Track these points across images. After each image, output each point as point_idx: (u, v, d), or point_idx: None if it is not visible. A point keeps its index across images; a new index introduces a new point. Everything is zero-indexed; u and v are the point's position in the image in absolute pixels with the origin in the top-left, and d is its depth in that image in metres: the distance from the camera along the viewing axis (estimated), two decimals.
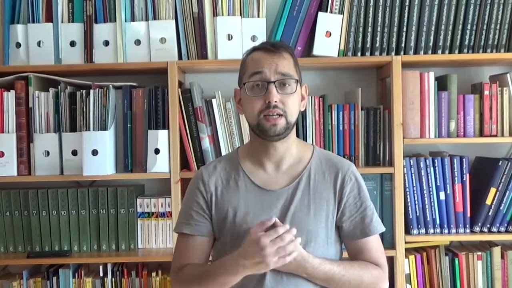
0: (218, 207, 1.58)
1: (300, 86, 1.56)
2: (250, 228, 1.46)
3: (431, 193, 2.25)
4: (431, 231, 2.26)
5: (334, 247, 1.59)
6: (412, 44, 2.27)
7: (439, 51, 2.28)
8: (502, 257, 2.30)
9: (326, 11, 2.25)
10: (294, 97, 1.52)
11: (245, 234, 1.49)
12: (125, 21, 2.28)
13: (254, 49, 1.57)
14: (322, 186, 1.57)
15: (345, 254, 1.66)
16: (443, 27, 2.27)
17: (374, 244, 1.59)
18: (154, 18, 2.28)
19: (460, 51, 2.28)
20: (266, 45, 1.56)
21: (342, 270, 1.51)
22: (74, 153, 2.23)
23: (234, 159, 1.63)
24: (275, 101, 1.48)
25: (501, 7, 2.26)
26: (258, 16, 2.29)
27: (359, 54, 2.28)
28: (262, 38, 2.27)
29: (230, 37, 2.27)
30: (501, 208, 2.26)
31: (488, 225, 2.27)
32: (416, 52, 2.28)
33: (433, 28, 2.27)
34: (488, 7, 2.26)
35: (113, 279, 2.29)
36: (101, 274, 2.30)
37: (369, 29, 2.27)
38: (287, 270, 1.48)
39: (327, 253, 1.56)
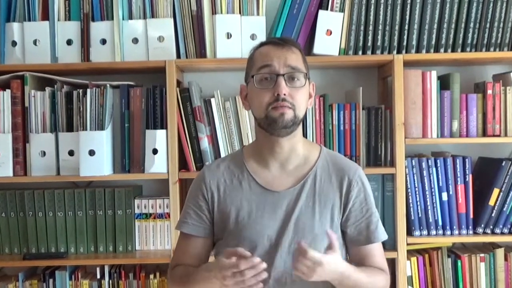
0: (221, 207, 1.56)
1: (309, 81, 1.54)
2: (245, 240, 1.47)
3: (433, 194, 2.23)
4: (433, 232, 2.23)
5: (339, 251, 1.54)
6: (414, 42, 2.24)
7: (442, 50, 2.25)
8: (506, 258, 2.28)
9: (327, 9, 2.23)
10: (302, 91, 1.50)
11: (248, 235, 1.49)
12: (123, 19, 2.25)
13: (262, 44, 1.56)
14: (328, 189, 1.54)
15: None
16: (445, 25, 2.24)
17: (377, 250, 1.58)
18: (152, 16, 2.26)
19: (463, 50, 2.25)
20: (274, 39, 1.56)
21: (365, 275, 1.49)
22: (71, 153, 2.20)
23: (239, 158, 1.61)
24: (284, 94, 1.46)
25: (505, 4, 2.23)
26: (258, 14, 2.26)
27: (360, 52, 2.26)
28: (261, 36, 2.24)
29: (229, 36, 2.24)
30: (504, 209, 2.23)
31: (491, 226, 2.24)
32: (418, 50, 2.25)
33: (435, 26, 2.24)
34: (491, 4, 2.23)
35: (110, 281, 2.27)
36: (98, 276, 2.27)
37: (370, 27, 2.24)
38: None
39: None
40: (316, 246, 1.49)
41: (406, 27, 2.24)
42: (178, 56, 2.27)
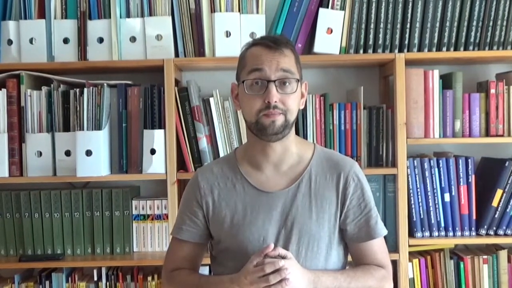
0: (216, 212, 1.54)
1: (301, 84, 1.51)
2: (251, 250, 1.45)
3: (435, 194, 2.21)
4: (436, 234, 2.21)
5: (336, 251, 1.54)
6: (416, 41, 2.22)
7: (444, 49, 2.23)
8: (509, 260, 2.26)
9: (327, 7, 2.20)
10: (294, 97, 1.47)
11: (243, 237, 1.48)
12: (120, 17, 2.23)
13: (254, 44, 1.51)
14: (324, 187, 1.52)
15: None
16: (448, 24, 2.22)
17: (379, 245, 1.55)
18: (150, 15, 2.23)
19: (465, 48, 2.23)
20: (267, 40, 1.50)
21: (347, 278, 1.47)
22: (68, 153, 2.18)
23: (232, 161, 1.59)
24: (275, 101, 1.43)
25: (508, 2, 2.21)
26: (257, 12, 2.24)
27: (361, 51, 2.23)
28: (261, 35, 2.21)
29: (228, 34, 2.22)
30: (507, 210, 2.21)
31: (494, 228, 2.22)
32: (420, 49, 2.23)
33: (437, 24, 2.22)
34: (495, 3, 2.21)
35: (107, 283, 2.25)
36: (95, 278, 2.25)
37: (372, 26, 2.22)
38: None
39: (329, 257, 1.52)
40: (314, 247, 1.49)
41: (408, 25, 2.21)
42: (177, 54, 2.24)
